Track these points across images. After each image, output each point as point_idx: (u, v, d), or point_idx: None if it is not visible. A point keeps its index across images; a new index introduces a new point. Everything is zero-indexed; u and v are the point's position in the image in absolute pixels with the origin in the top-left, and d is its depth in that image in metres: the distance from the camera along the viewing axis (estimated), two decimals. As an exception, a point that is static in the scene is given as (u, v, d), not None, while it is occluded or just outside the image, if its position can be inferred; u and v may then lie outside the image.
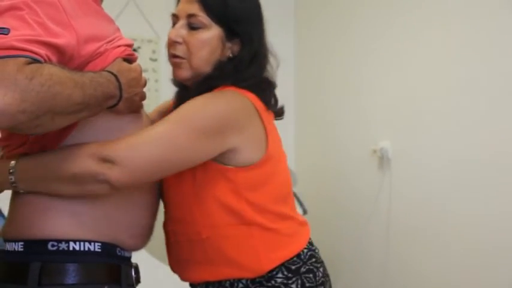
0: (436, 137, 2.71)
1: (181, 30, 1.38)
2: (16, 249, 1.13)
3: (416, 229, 2.82)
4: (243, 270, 1.34)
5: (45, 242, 1.12)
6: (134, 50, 1.27)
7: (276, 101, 1.46)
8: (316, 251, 1.44)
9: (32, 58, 0.97)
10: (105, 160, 1.13)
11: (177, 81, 1.47)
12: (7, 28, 0.99)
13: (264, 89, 1.41)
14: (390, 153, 2.89)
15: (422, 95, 2.79)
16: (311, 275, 1.38)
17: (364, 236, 3.00)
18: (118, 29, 1.26)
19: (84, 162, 1.12)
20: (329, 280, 1.46)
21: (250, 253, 1.34)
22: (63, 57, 1.05)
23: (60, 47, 1.04)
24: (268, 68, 1.45)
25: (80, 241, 1.13)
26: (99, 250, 1.14)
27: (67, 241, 1.12)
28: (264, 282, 1.34)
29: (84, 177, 1.12)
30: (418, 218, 2.81)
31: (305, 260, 1.39)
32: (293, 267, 1.36)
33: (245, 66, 1.38)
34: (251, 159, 1.33)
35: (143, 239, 1.27)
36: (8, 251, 1.14)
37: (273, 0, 1.68)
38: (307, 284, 1.37)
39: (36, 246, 1.12)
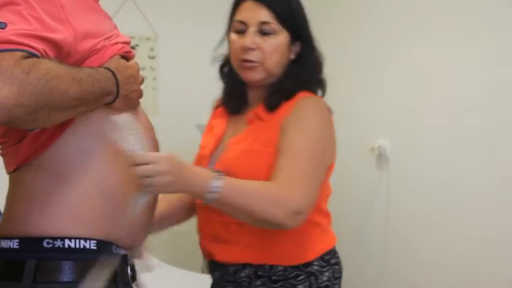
0: (435, 135, 2.71)
1: (254, 37, 1.49)
2: (11, 246, 1.12)
3: (414, 227, 2.82)
4: (287, 258, 1.46)
5: (40, 239, 1.11)
6: (132, 47, 1.28)
7: None
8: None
9: (29, 52, 0.97)
10: (295, 213, 1.32)
11: (234, 81, 1.60)
12: (4, 22, 0.99)
13: (325, 91, 1.58)
14: (388, 152, 2.89)
15: (421, 93, 2.79)
16: (337, 267, 1.55)
17: (362, 233, 3.00)
18: (115, 27, 1.26)
19: (277, 213, 1.31)
20: None
21: (298, 245, 1.47)
22: (60, 52, 1.05)
23: (58, 43, 1.04)
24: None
25: (75, 238, 1.13)
26: (95, 248, 1.14)
27: (62, 238, 1.12)
28: (302, 268, 1.47)
29: (270, 223, 1.33)
30: (416, 216, 2.81)
31: (333, 253, 1.55)
32: (326, 257, 1.52)
33: (310, 66, 1.54)
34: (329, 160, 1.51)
35: (140, 237, 1.27)
36: (3, 248, 1.14)
37: None
38: (336, 275, 1.53)
39: (32, 244, 1.11)
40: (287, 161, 1.37)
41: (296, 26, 1.51)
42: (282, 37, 1.50)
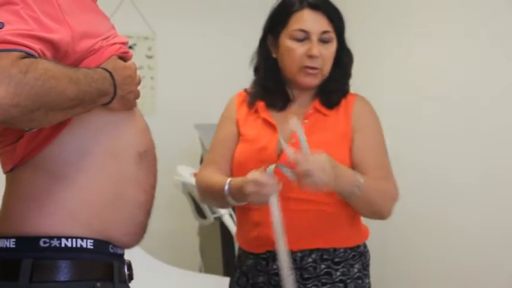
0: (436, 136, 2.71)
1: (318, 45, 1.60)
2: (8, 245, 1.12)
3: (415, 229, 2.82)
4: (350, 241, 1.62)
5: (37, 238, 1.11)
6: (130, 47, 1.28)
7: None
8: None
9: (26, 52, 0.97)
10: (395, 202, 1.62)
11: (279, 82, 1.69)
12: (1, 22, 0.99)
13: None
14: (389, 153, 2.89)
15: (422, 94, 2.80)
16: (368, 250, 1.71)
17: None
18: (113, 27, 1.26)
19: (390, 206, 1.61)
20: None
21: (356, 228, 1.66)
22: (58, 53, 1.05)
23: (55, 43, 1.04)
24: None
25: (72, 238, 1.13)
26: (92, 247, 1.14)
27: (59, 238, 1.12)
28: (355, 249, 1.63)
29: (382, 215, 1.62)
30: (417, 218, 2.81)
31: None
32: (364, 241, 1.70)
33: (349, 66, 1.69)
34: None
35: (136, 237, 1.27)
36: None
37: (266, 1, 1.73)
38: (369, 259, 1.69)
39: (28, 243, 1.11)
40: (378, 156, 1.61)
41: (342, 31, 1.65)
42: (335, 43, 1.63)
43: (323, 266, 1.58)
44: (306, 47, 1.59)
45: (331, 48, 1.62)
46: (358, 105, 1.65)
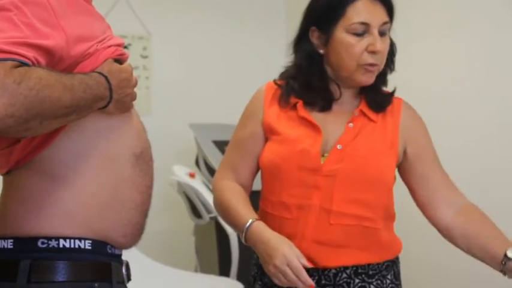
0: (434, 134, 2.72)
1: (380, 39, 1.45)
2: (5, 246, 1.13)
3: (411, 226, 2.82)
4: (386, 255, 1.53)
5: (35, 239, 1.12)
6: (125, 47, 1.27)
7: None
8: None
9: (19, 61, 0.97)
10: None
11: (324, 80, 1.52)
12: None
13: None
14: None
15: (420, 92, 2.80)
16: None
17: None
18: (109, 27, 1.26)
19: None
20: None
21: (394, 241, 1.57)
22: (52, 58, 1.05)
23: (49, 49, 1.04)
24: None
25: (70, 238, 1.14)
26: (90, 247, 1.15)
27: (57, 238, 1.13)
28: (388, 259, 1.53)
29: None
30: (413, 213, 2.82)
31: None
32: None
33: (392, 60, 1.56)
34: None
35: (134, 238, 1.27)
36: None
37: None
38: (400, 268, 1.60)
39: (26, 244, 1.12)
40: (440, 165, 1.56)
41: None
42: (389, 35, 1.50)
43: (357, 281, 1.47)
44: (367, 42, 1.43)
45: (387, 41, 1.47)
46: (406, 113, 1.54)
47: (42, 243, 1.12)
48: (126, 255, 1.30)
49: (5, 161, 1.17)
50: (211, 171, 3.15)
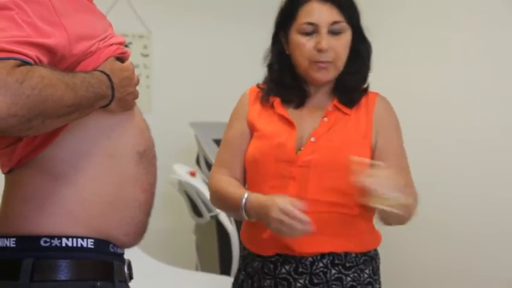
0: (428, 132, 2.73)
1: (327, 37, 1.52)
2: (8, 245, 1.13)
3: (407, 224, 2.83)
4: (363, 245, 1.57)
5: (37, 238, 1.12)
6: (126, 45, 1.28)
7: None
8: None
9: (22, 60, 0.97)
10: None
11: (295, 78, 1.62)
12: None
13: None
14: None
15: (417, 89, 2.82)
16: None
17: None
18: (110, 25, 1.26)
19: (415, 211, 1.56)
20: None
21: (370, 232, 1.60)
22: (54, 57, 1.05)
23: (51, 48, 1.04)
24: None
25: (72, 237, 1.14)
26: (92, 246, 1.15)
27: (60, 237, 1.13)
28: (367, 253, 1.58)
29: (408, 220, 1.55)
30: (415, 219, 2.83)
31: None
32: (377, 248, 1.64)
33: (367, 59, 1.60)
34: None
35: (136, 237, 1.28)
36: None
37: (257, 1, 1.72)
38: (379, 263, 1.63)
39: (29, 243, 1.12)
40: (401, 161, 1.56)
41: (357, 21, 1.57)
42: (348, 34, 1.55)
43: (334, 271, 1.52)
44: (315, 41, 1.52)
45: (343, 40, 1.54)
46: (380, 105, 1.59)
47: (45, 242, 1.12)
48: (127, 253, 1.30)
49: (7, 160, 1.18)
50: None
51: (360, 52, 1.58)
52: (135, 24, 3.46)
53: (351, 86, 1.59)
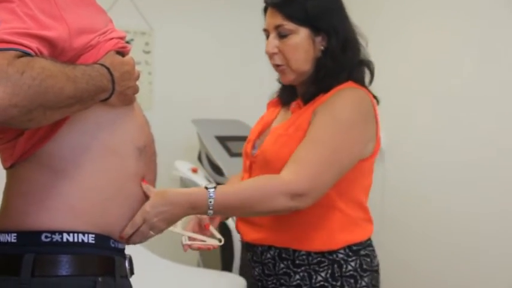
0: (429, 130, 2.73)
1: (273, 41, 1.54)
2: (9, 240, 1.13)
3: (408, 221, 2.84)
4: (309, 243, 1.50)
5: (38, 233, 1.12)
6: (127, 42, 1.28)
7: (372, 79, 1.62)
8: (373, 244, 1.59)
9: (22, 51, 0.98)
10: (296, 195, 1.36)
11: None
12: None
13: (362, 77, 1.58)
14: (384, 145, 2.92)
15: (416, 88, 2.82)
16: (368, 259, 1.54)
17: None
18: (110, 21, 1.26)
19: (279, 201, 1.36)
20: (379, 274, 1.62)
21: (322, 231, 1.50)
22: (55, 50, 1.05)
23: (52, 40, 1.04)
24: (361, 48, 1.59)
25: (73, 232, 1.13)
26: (93, 241, 1.15)
27: (61, 232, 1.13)
28: (326, 255, 1.50)
29: (280, 211, 1.39)
30: (410, 210, 2.83)
31: (365, 246, 1.55)
32: (354, 248, 1.52)
33: (339, 54, 1.52)
34: (365, 153, 1.51)
35: None
36: (0, 243, 1.14)
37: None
38: (364, 266, 1.52)
39: (30, 238, 1.12)
40: (303, 148, 1.43)
41: (312, 20, 1.51)
42: (302, 34, 1.52)
43: (282, 266, 1.51)
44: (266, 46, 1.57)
45: (291, 41, 1.51)
46: (332, 96, 1.49)
47: (46, 237, 1.12)
48: (130, 250, 1.30)
49: (8, 155, 1.17)
50: (214, 166, 3.15)
51: (330, 49, 1.52)
52: (137, 21, 3.45)
53: (319, 83, 1.54)
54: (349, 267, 1.50)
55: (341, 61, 1.52)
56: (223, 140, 3.23)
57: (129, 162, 1.22)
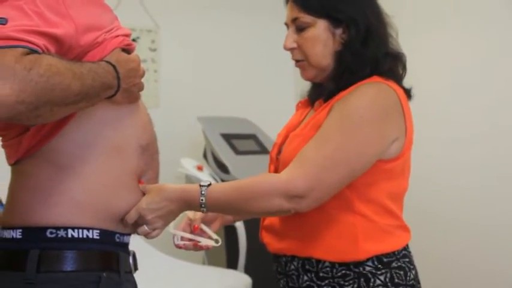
0: (429, 129, 2.74)
1: (292, 35, 1.46)
2: (14, 236, 1.14)
3: (408, 220, 2.83)
4: (333, 253, 1.37)
5: (43, 229, 1.13)
6: (133, 40, 1.28)
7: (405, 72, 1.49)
8: (411, 254, 1.45)
9: (30, 49, 0.98)
10: (294, 196, 1.27)
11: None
12: (5, 18, 1.00)
13: (392, 71, 1.44)
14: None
15: (416, 86, 2.82)
16: (402, 272, 1.38)
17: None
18: (116, 18, 1.27)
19: (274, 202, 1.28)
20: None
21: (346, 240, 1.37)
22: (62, 47, 1.06)
23: (59, 37, 1.05)
24: (390, 39, 1.47)
25: (78, 228, 1.14)
26: (98, 237, 1.16)
27: (65, 228, 1.13)
28: (351, 267, 1.36)
29: (276, 212, 1.33)
30: (411, 209, 2.83)
31: (398, 257, 1.40)
32: (385, 259, 1.38)
33: (359, 48, 1.41)
34: (389, 153, 1.38)
35: None
36: (6, 239, 1.15)
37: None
38: (396, 280, 1.37)
39: (35, 234, 1.13)
40: (307, 146, 1.34)
41: (329, 10, 1.42)
42: (320, 26, 1.42)
43: (306, 278, 1.40)
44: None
45: (308, 34, 1.42)
46: (349, 93, 1.38)
47: (51, 233, 1.13)
48: (135, 247, 1.30)
49: (13, 151, 1.18)
50: (219, 164, 3.16)
51: (350, 43, 1.41)
52: (143, 19, 3.46)
53: (338, 79, 1.44)
54: (378, 282, 1.35)
55: (361, 55, 1.40)
56: (229, 138, 3.23)
57: (132, 159, 1.23)
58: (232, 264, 3.02)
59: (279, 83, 3.76)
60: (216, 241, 1.45)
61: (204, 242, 1.44)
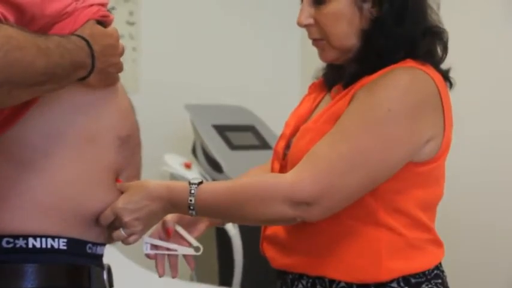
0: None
1: (307, 10, 1.40)
2: None
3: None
4: (354, 274, 1.35)
5: None
6: (108, 11, 1.28)
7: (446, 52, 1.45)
8: (444, 274, 1.43)
9: None
10: (300, 203, 1.25)
11: None
12: None
13: (429, 53, 1.40)
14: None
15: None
16: None
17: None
18: None
19: (276, 208, 1.26)
20: None
21: (371, 258, 1.34)
22: (23, 16, 1.05)
23: (19, 5, 1.04)
24: (429, 12, 1.42)
25: (41, 237, 1.14)
26: (65, 247, 1.15)
27: (25, 237, 1.13)
28: (364, 285, 1.35)
29: (278, 221, 1.33)
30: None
31: (429, 278, 1.38)
32: (413, 280, 1.36)
33: (393, 27, 1.36)
34: (422, 155, 1.35)
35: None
36: None
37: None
38: None
39: None
40: (321, 142, 1.31)
41: None
42: (340, 1, 1.38)
43: None
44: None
45: (328, 9, 1.38)
46: (377, 78, 1.35)
47: (8, 242, 1.12)
48: (110, 260, 1.30)
49: None
50: (211, 161, 3.16)
51: (379, 20, 1.38)
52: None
53: (363, 62, 1.41)
54: None
55: (395, 35, 1.37)
56: (222, 130, 3.23)
57: (108, 153, 1.23)
58: (225, 280, 3.03)
59: (282, 63, 3.76)
60: (197, 249, 1.44)
61: (181, 250, 1.42)
